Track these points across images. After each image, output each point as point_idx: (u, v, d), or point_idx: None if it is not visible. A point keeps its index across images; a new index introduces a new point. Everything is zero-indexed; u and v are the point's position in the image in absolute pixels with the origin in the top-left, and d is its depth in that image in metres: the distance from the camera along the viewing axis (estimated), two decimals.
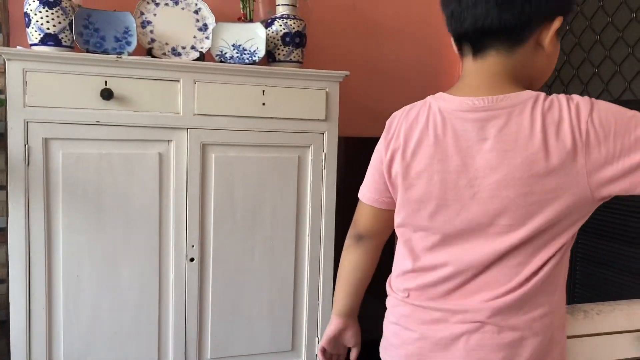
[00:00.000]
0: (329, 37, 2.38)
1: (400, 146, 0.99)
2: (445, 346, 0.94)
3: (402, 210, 1.00)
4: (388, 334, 1.15)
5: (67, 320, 1.80)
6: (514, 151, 0.86)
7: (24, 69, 1.67)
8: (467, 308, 0.92)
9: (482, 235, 0.91)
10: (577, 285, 2.01)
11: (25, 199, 1.71)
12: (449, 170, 0.92)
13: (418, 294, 1.00)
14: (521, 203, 0.87)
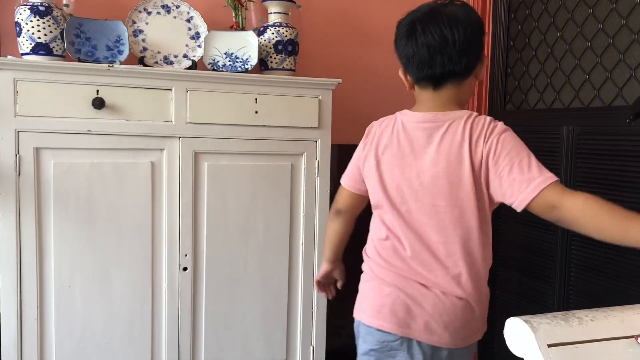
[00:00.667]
0: (321, 45, 2.39)
1: (373, 148, 1.36)
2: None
3: (374, 194, 1.35)
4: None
5: (59, 331, 1.78)
6: (449, 151, 1.23)
7: (15, 78, 1.66)
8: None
9: (426, 213, 1.27)
10: (571, 291, 2.01)
11: (16, 209, 1.70)
12: (405, 164, 1.28)
13: (387, 255, 1.32)
14: (453, 191, 1.24)
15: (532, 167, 1.23)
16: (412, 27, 1.28)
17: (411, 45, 1.29)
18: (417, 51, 1.28)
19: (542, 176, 1.22)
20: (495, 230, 2.38)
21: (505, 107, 2.37)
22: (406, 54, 1.31)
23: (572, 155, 1.98)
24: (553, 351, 1.17)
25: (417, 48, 1.27)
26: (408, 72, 1.36)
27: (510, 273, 2.31)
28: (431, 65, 1.27)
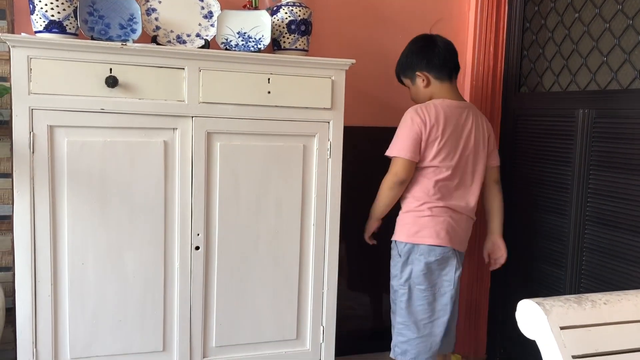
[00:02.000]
0: (335, 25, 2.36)
1: (434, 124, 1.95)
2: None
3: (437, 158, 1.97)
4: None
5: (73, 308, 1.80)
6: (479, 128, 2.05)
7: (29, 56, 1.66)
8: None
9: (469, 168, 2.03)
10: (582, 275, 2.00)
11: (30, 187, 1.71)
12: (455, 135, 1.99)
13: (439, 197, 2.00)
14: (483, 154, 2.07)
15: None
16: (429, 38, 2.09)
17: (436, 49, 2.05)
18: (440, 52, 2.04)
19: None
20: (507, 214, 2.37)
21: (519, 89, 2.34)
22: (432, 55, 2.04)
23: (588, 138, 1.96)
24: (565, 333, 1.17)
25: (440, 50, 2.04)
26: (430, 70, 2.04)
27: (521, 257, 2.31)
28: (451, 61, 2.06)
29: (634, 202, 1.81)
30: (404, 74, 2.12)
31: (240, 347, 2.00)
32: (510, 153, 2.34)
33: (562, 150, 2.06)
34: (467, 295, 2.48)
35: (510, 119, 2.34)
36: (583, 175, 1.98)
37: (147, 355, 1.90)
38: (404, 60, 2.11)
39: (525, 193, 2.28)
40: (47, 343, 1.78)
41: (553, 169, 2.12)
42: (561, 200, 2.07)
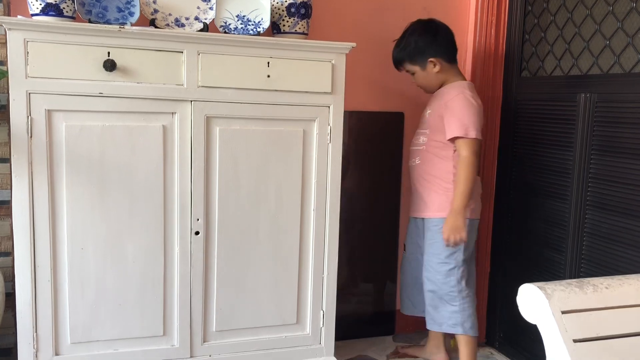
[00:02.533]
0: (335, 8, 2.34)
1: (481, 106, 2.14)
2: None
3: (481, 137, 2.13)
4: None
5: (72, 293, 1.80)
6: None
7: (25, 39, 1.64)
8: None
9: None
10: (583, 260, 2.00)
11: (29, 172, 1.70)
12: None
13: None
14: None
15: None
16: (433, 22, 2.16)
17: (442, 32, 2.13)
18: (446, 36, 2.14)
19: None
20: (507, 200, 2.37)
21: (521, 73, 2.33)
22: (441, 40, 2.12)
23: (589, 123, 1.95)
24: (567, 318, 1.17)
25: (446, 34, 2.14)
26: (442, 55, 2.11)
27: (521, 242, 2.31)
28: (455, 43, 2.17)
29: (635, 186, 1.80)
30: (411, 60, 2.14)
31: (240, 332, 2.01)
32: (511, 137, 2.33)
33: (564, 135, 2.05)
34: None
35: (512, 103, 2.33)
36: (584, 160, 1.97)
37: (147, 339, 1.90)
38: (412, 47, 2.11)
39: (526, 177, 2.27)
40: (47, 328, 1.78)
41: (554, 153, 2.11)
42: (562, 184, 2.07)
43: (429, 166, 2.14)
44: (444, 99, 2.10)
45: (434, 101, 2.16)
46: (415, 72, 2.15)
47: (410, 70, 2.16)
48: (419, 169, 2.17)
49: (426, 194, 2.15)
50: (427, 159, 2.15)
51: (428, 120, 2.16)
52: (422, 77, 2.16)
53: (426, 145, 2.15)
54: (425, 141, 2.15)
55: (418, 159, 2.18)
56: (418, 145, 2.19)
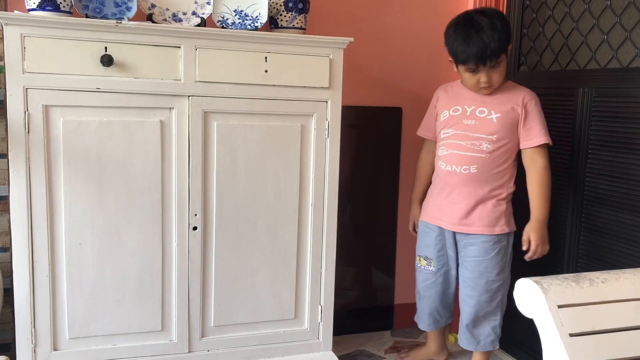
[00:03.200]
0: (333, 3, 2.33)
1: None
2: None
3: None
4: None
5: (70, 288, 1.80)
6: None
7: (22, 34, 1.64)
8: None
9: None
10: (580, 255, 2.00)
11: (26, 167, 1.70)
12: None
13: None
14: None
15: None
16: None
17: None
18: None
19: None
20: None
21: (519, 68, 2.33)
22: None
23: (587, 118, 1.95)
24: (563, 312, 1.17)
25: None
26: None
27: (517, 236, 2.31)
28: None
29: (633, 181, 1.80)
30: (507, 48, 1.92)
31: (238, 327, 2.01)
32: None
33: (562, 130, 2.05)
34: None
35: None
36: (582, 155, 1.97)
37: (145, 334, 1.90)
38: (506, 32, 1.89)
39: (524, 172, 2.27)
40: (46, 323, 1.79)
41: (552, 148, 2.11)
42: (559, 179, 2.07)
43: (490, 177, 1.96)
44: (517, 101, 1.93)
45: (492, 102, 1.96)
46: (501, 65, 1.91)
47: (499, 62, 1.89)
48: (475, 179, 1.95)
49: (477, 207, 1.98)
50: (489, 168, 1.95)
51: (493, 123, 1.93)
52: (504, 70, 1.94)
53: (491, 154, 1.93)
54: (491, 148, 1.93)
55: (475, 167, 1.94)
56: (477, 152, 1.94)
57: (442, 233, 2.08)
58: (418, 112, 2.36)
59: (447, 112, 2.02)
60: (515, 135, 1.95)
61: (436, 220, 2.08)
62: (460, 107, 1.99)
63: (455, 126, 1.98)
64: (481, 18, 1.87)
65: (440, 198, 2.05)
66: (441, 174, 2.03)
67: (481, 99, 1.97)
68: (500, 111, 1.93)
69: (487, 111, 1.94)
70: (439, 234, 2.08)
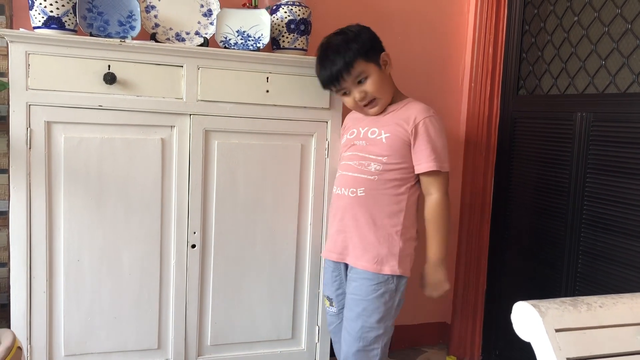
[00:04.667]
0: (334, 25, 2.36)
1: None
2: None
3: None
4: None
5: (68, 304, 1.80)
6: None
7: (27, 51, 1.66)
8: None
9: None
10: (578, 278, 2.00)
11: (27, 183, 1.70)
12: None
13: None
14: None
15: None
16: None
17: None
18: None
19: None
20: (503, 217, 2.37)
21: (518, 92, 2.35)
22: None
23: (585, 142, 1.96)
24: (561, 336, 1.17)
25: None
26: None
27: (516, 259, 2.31)
28: None
29: (631, 206, 1.81)
30: (366, 55, 1.72)
31: (235, 346, 2.00)
32: (507, 155, 2.35)
33: (560, 153, 2.07)
34: (463, 296, 2.48)
35: (508, 121, 2.34)
36: (580, 179, 1.98)
37: (141, 352, 1.89)
38: (361, 39, 1.73)
39: (522, 195, 2.28)
40: (42, 339, 1.78)
41: (550, 171, 2.12)
42: (558, 203, 2.07)
43: (380, 203, 1.74)
44: (408, 120, 1.73)
45: (385, 122, 1.78)
46: (369, 76, 1.72)
47: (362, 74, 1.72)
48: (363, 203, 1.74)
49: (366, 237, 1.75)
50: (378, 193, 1.74)
51: (382, 144, 1.75)
52: (379, 80, 1.73)
53: (380, 176, 1.74)
54: (380, 169, 1.73)
55: (362, 190, 1.74)
56: (365, 173, 1.75)
57: (337, 267, 1.86)
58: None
59: (345, 137, 1.88)
60: (411, 158, 1.75)
61: (328, 252, 1.87)
62: (356, 130, 1.83)
63: (350, 148, 1.83)
64: (335, 37, 1.77)
65: (333, 227, 1.85)
66: (334, 199, 1.86)
67: (375, 120, 1.79)
68: (390, 131, 1.75)
69: (378, 131, 1.77)
70: (334, 268, 1.87)
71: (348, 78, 1.70)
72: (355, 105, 1.77)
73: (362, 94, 1.72)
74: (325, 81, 1.75)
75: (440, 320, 2.65)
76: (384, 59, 1.76)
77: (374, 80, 1.72)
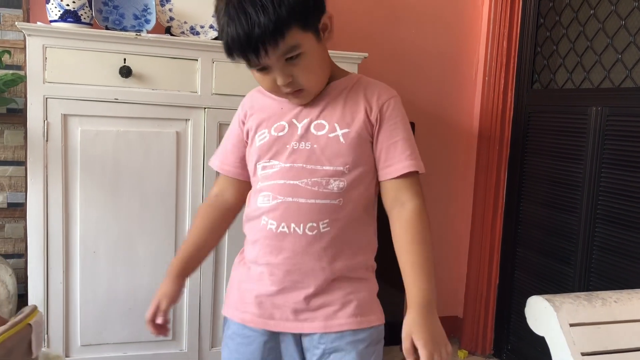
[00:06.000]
0: (348, 19, 2.36)
1: None
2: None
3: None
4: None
5: (84, 295, 1.82)
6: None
7: (44, 45, 1.67)
8: None
9: None
10: (592, 273, 2.00)
11: (44, 175, 1.72)
12: None
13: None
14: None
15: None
16: None
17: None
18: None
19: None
20: (516, 211, 2.37)
21: (532, 86, 2.33)
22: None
23: (600, 136, 1.95)
24: (575, 330, 1.17)
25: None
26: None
27: (529, 254, 2.30)
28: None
29: None
30: (304, 23, 1.05)
31: None
32: (521, 149, 2.34)
33: (574, 148, 2.06)
34: (475, 291, 2.48)
35: (523, 115, 2.33)
36: (595, 173, 1.97)
37: (156, 343, 1.91)
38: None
39: (536, 189, 2.27)
40: (59, 329, 1.80)
41: (564, 166, 2.11)
42: (572, 197, 2.07)
43: (350, 236, 1.15)
44: (366, 100, 1.15)
45: (334, 109, 1.13)
46: (304, 53, 1.05)
47: (295, 48, 1.04)
48: (327, 242, 1.11)
49: (340, 285, 1.14)
50: (347, 220, 1.12)
51: (341, 145, 1.10)
52: (315, 61, 1.09)
53: (345, 195, 1.11)
54: (344, 186, 1.10)
55: (325, 223, 1.10)
56: (325, 197, 1.10)
57: (274, 339, 1.16)
58: (432, 127, 2.38)
59: (265, 133, 1.15)
60: (372, 158, 1.14)
61: (258, 318, 1.16)
62: (287, 123, 1.13)
63: (282, 155, 1.12)
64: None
65: (265, 280, 1.15)
66: (266, 240, 1.15)
67: (315, 106, 1.13)
68: (348, 122, 1.11)
69: (328, 125, 1.11)
70: (268, 339, 1.16)
71: (273, 52, 1.02)
72: (274, 88, 1.10)
73: (287, 79, 1.06)
74: (234, 47, 1.04)
75: (451, 314, 2.65)
76: (325, 22, 1.12)
77: (309, 61, 1.06)
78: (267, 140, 1.14)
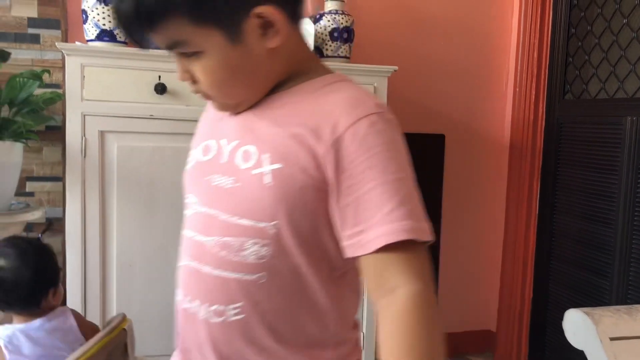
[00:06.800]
0: (377, 33, 2.37)
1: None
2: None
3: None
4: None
5: (120, 308, 1.84)
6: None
7: (82, 63, 1.72)
8: None
9: None
10: (630, 286, 1.95)
11: (81, 190, 1.76)
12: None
13: None
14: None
15: None
16: None
17: None
18: None
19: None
20: (550, 224, 2.34)
21: (564, 96, 2.31)
22: None
23: (636, 147, 1.92)
24: (616, 345, 1.15)
25: None
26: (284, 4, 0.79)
27: (564, 267, 2.27)
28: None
29: None
30: (199, 15, 0.73)
31: None
32: (554, 160, 2.31)
33: (609, 158, 2.03)
34: (508, 304, 2.45)
35: (555, 126, 2.31)
36: (631, 184, 1.94)
37: None
38: None
39: (569, 201, 2.24)
40: None
41: (599, 177, 2.08)
42: (608, 209, 2.03)
43: (291, 325, 0.80)
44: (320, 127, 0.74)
45: (268, 127, 0.78)
46: (205, 52, 0.77)
47: (184, 44, 0.77)
48: (248, 332, 0.78)
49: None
50: (279, 307, 0.78)
51: (262, 190, 0.74)
52: (228, 60, 0.77)
53: (272, 272, 0.76)
54: (267, 256, 0.75)
55: (237, 310, 0.78)
56: (236, 268, 0.77)
57: None
58: (462, 138, 2.37)
59: (193, 154, 0.92)
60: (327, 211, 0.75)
61: None
62: (215, 143, 0.84)
63: (200, 192, 0.87)
64: None
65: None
66: (178, 314, 0.92)
67: (257, 123, 0.80)
68: (284, 153, 0.75)
69: (256, 154, 0.77)
70: None
71: (154, 33, 0.76)
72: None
73: (184, 76, 0.84)
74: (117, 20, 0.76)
75: (484, 327, 2.62)
76: (256, 21, 0.75)
77: (214, 64, 0.78)
78: (191, 165, 0.88)
